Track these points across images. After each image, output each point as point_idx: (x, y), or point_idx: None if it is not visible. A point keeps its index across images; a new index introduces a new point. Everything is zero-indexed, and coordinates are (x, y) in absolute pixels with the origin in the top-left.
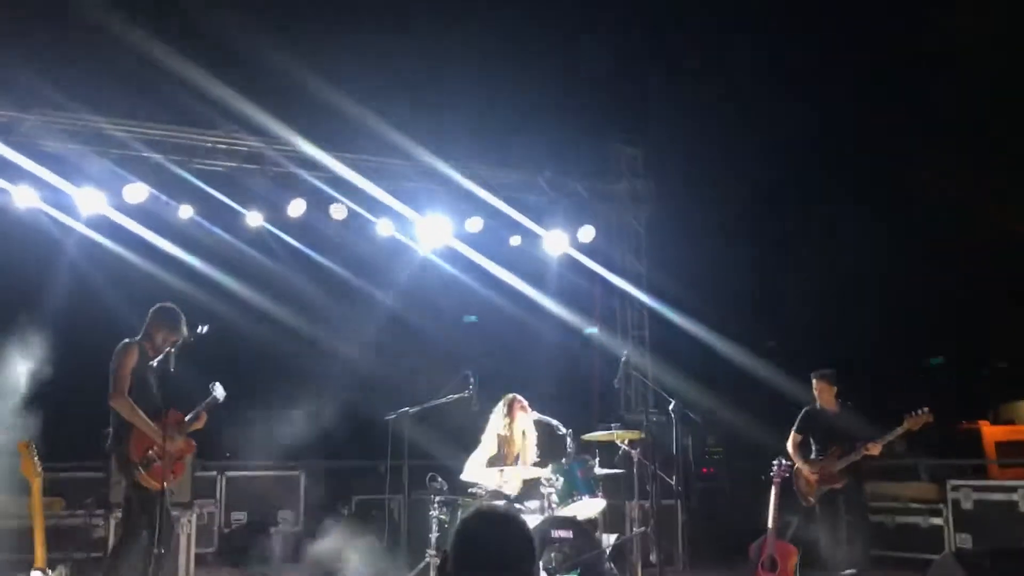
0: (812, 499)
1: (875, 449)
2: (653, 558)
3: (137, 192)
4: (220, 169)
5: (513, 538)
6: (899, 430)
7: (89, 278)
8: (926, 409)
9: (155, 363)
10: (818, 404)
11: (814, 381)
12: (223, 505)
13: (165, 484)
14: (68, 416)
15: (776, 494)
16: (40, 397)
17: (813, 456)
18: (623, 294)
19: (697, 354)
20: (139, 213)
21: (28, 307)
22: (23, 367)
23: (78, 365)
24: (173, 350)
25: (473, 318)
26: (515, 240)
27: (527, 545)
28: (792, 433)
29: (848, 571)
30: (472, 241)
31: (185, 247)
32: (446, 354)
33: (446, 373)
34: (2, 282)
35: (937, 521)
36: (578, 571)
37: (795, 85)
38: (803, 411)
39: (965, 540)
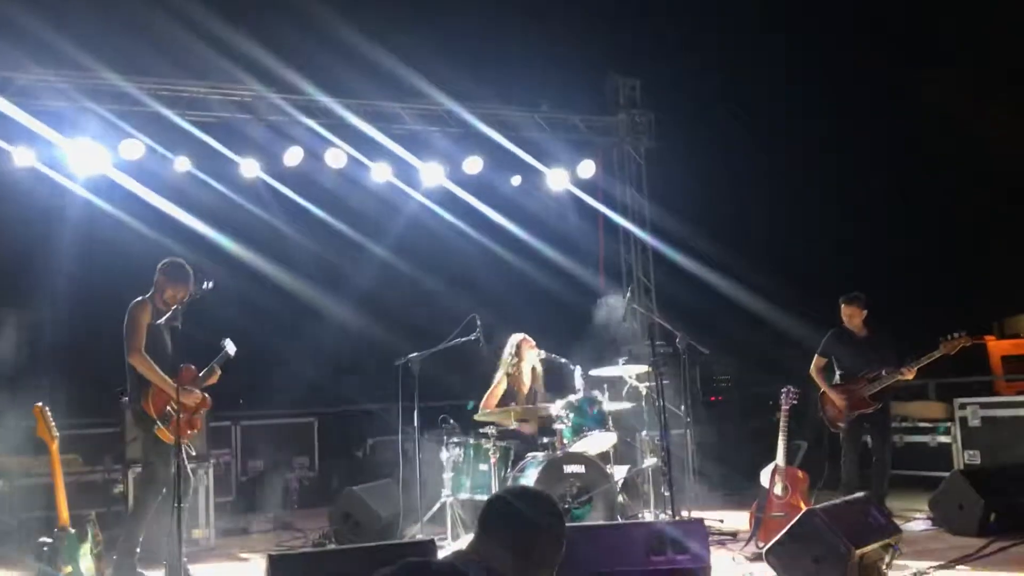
0: (842, 424)
1: (910, 373)
2: (664, 489)
3: (134, 148)
4: (214, 120)
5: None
6: (935, 354)
7: (90, 237)
8: (963, 333)
9: (165, 319)
10: (844, 326)
11: (843, 305)
12: (239, 454)
13: (183, 439)
14: (79, 373)
15: (784, 421)
16: (49, 356)
17: (837, 380)
18: (624, 231)
19: (700, 288)
20: (137, 170)
21: (31, 268)
22: (28, 328)
23: (85, 324)
24: (181, 306)
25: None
26: (515, 179)
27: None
28: (816, 356)
29: (857, 495)
30: (472, 185)
31: (185, 204)
32: (451, 298)
33: (452, 318)
34: (4, 243)
35: (945, 439)
36: (590, 504)
37: (796, 11)
38: (829, 333)
39: (974, 457)
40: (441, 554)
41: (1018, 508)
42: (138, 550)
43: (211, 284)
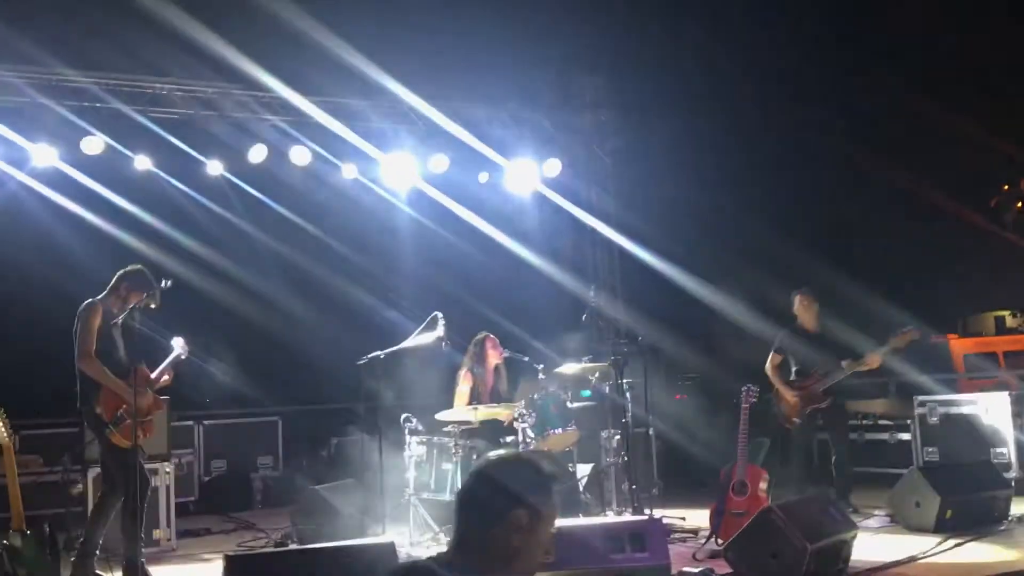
0: (797, 420)
1: (874, 360)
2: (626, 487)
3: (94, 145)
4: (177, 117)
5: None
6: (885, 348)
7: (48, 235)
8: (910, 327)
9: (119, 320)
10: (798, 323)
11: (797, 298)
12: (202, 454)
13: (138, 440)
14: (37, 374)
15: (744, 419)
16: (6, 354)
17: (793, 377)
18: (591, 229)
19: (665, 287)
20: (96, 167)
21: None
22: None
23: (42, 322)
24: (138, 307)
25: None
26: (483, 176)
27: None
28: (771, 353)
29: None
30: (438, 183)
31: (143, 202)
32: (415, 299)
33: (415, 317)
34: None
35: (905, 436)
36: None
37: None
38: (782, 331)
39: (932, 454)
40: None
41: (974, 505)
42: (97, 552)
43: (168, 283)
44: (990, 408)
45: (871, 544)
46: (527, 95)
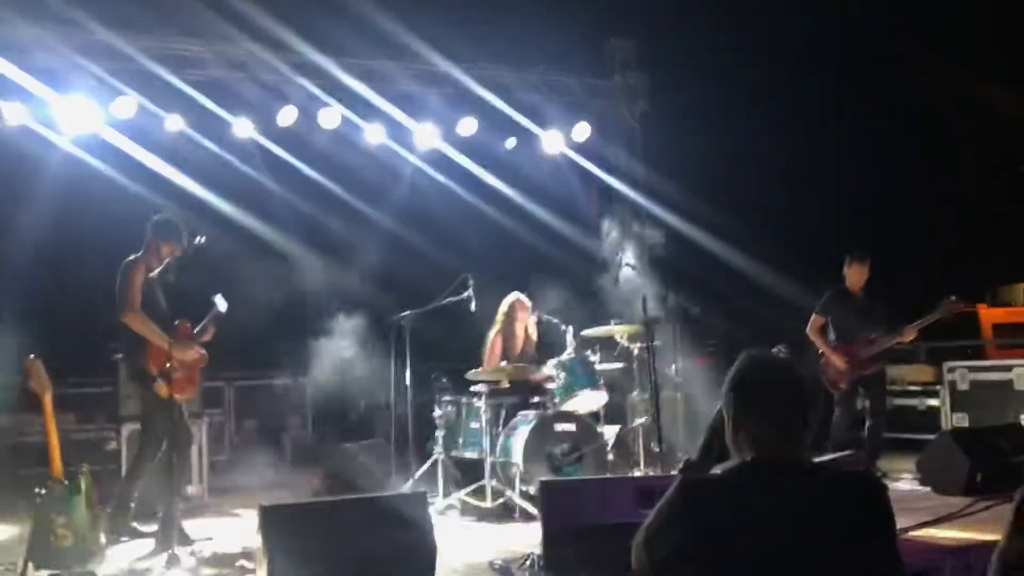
0: (843, 385)
1: (911, 334)
2: (655, 446)
3: (127, 105)
4: (207, 78)
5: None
6: (933, 316)
7: (81, 196)
8: (956, 297)
9: (157, 274)
10: (845, 286)
11: (853, 263)
12: (233, 413)
13: (183, 395)
14: (71, 333)
15: None
16: (41, 314)
17: (833, 339)
18: (619, 194)
19: (694, 251)
20: (129, 128)
21: (20, 225)
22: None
23: (76, 282)
24: (173, 261)
25: None
26: (510, 142)
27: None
28: (814, 315)
29: (845, 453)
30: (466, 147)
31: (177, 163)
32: (443, 260)
33: (445, 278)
34: None
35: (934, 402)
36: (581, 463)
37: None
38: (828, 293)
39: (962, 420)
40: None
41: (1003, 468)
42: (132, 504)
43: (203, 239)
44: (1020, 374)
45: (900, 506)
46: (557, 59)
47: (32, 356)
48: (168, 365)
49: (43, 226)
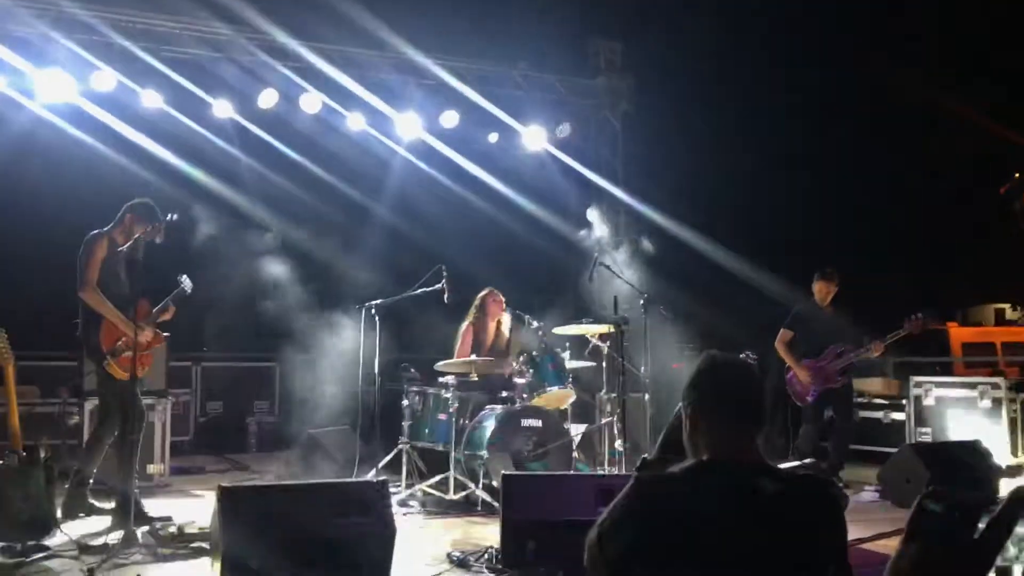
0: (809, 398)
1: (878, 350)
2: (619, 446)
3: (105, 79)
4: (188, 57)
5: (751, 380)
6: (900, 332)
7: (55, 166)
8: (923, 315)
9: (125, 249)
10: (812, 301)
11: (821, 281)
12: (199, 395)
13: (131, 374)
14: (38, 305)
15: None
16: (8, 285)
17: (802, 355)
18: (599, 192)
19: (672, 252)
20: (106, 101)
21: None
22: None
23: (45, 254)
24: (143, 238)
25: None
26: (493, 137)
27: (761, 387)
28: (782, 330)
29: (806, 461)
30: (448, 138)
31: (153, 136)
32: (420, 250)
33: (419, 268)
34: None
35: (899, 416)
36: (546, 459)
37: None
38: (795, 309)
39: (925, 434)
40: (394, 499)
41: (964, 483)
42: (91, 480)
43: (175, 216)
44: (985, 392)
45: (860, 517)
46: (539, 57)
47: None
48: (119, 343)
49: (11, 195)
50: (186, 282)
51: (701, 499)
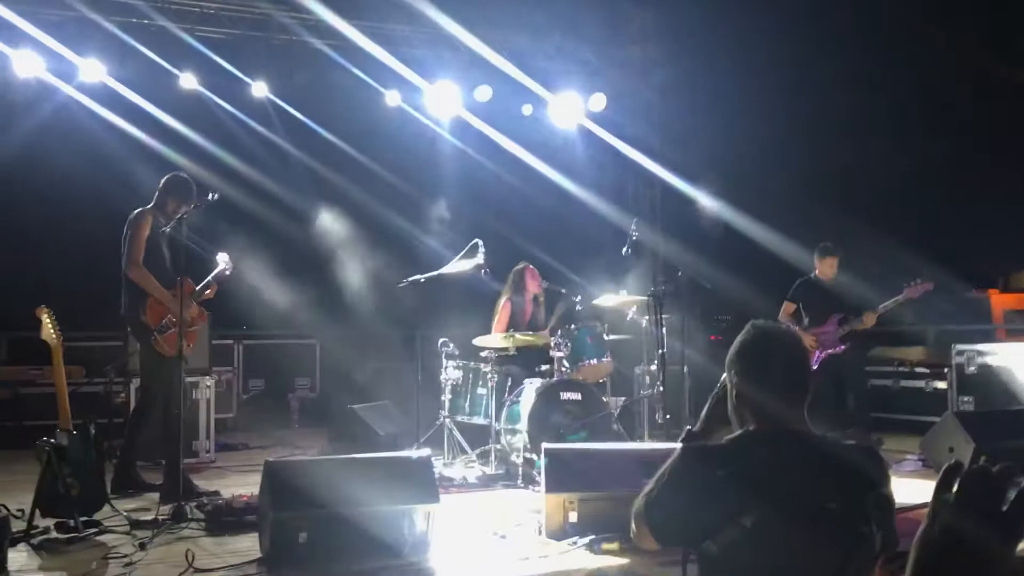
0: (814, 366)
1: (870, 319)
2: (659, 418)
3: (139, 61)
4: (224, 37)
5: (796, 348)
6: (898, 299)
7: (95, 148)
8: (918, 280)
9: (167, 229)
10: (814, 275)
11: (825, 258)
12: (241, 372)
13: (181, 350)
14: (80, 286)
15: None
16: (53, 267)
17: (806, 325)
18: (634, 164)
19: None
20: (142, 83)
21: (33, 178)
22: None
23: (86, 235)
24: (185, 217)
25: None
26: (527, 109)
27: (806, 356)
28: (785, 302)
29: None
30: (481, 113)
31: (188, 118)
32: (455, 225)
33: (456, 243)
34: (5, 152)
35: (941, 385)
36: (586, 431)
37: None
38: (798, 281)
39: (968, 403)
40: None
41: (1009, 452)
42: (136, 457)
43: (216, 196)
44: None
45: (902, 486)
46: (573, 27)
47: (44, 306)
48: (164, 321)
49: (55, 177)
50: (225, 260)
51: (749, 468)
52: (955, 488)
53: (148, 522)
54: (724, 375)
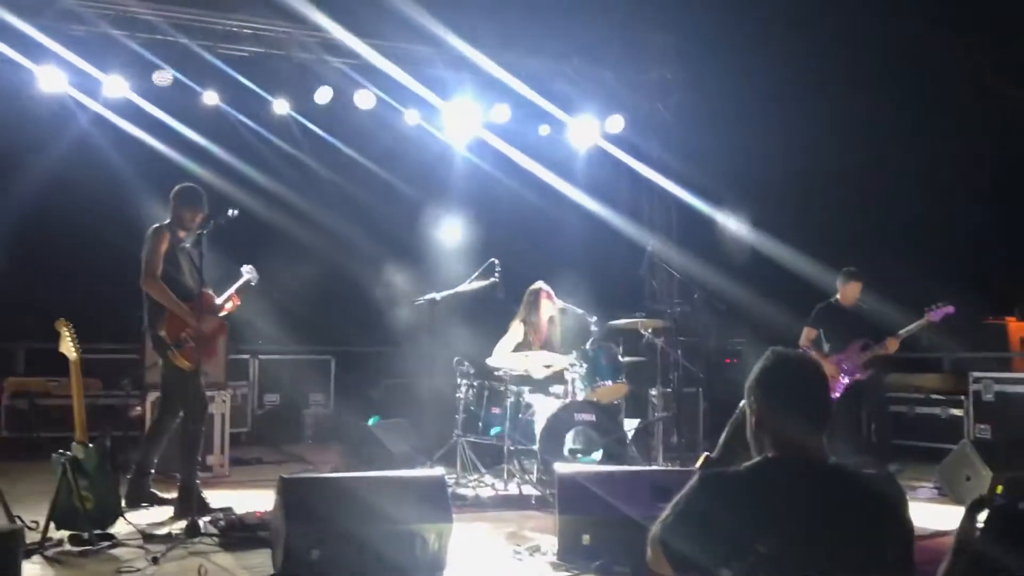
0: (836, 394)
1: (893, 344)
2: (674, 441)
3: (164, 78)
4: (246, 55)
5: (816, 376)
6: (920, 323)
7: (117, 164)
8: (947, 303)
9: (187, 244)
10: (835, 299)
11: (850, 282)
12: (256, 387)
13: (198, 364)
14: (100, 299)
15: None
16: (71, 280)
17: (827, 351)
18: (650, 185)
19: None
20: (165, 99)
21: (54, 192)
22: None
23: (105, 249)
24: (205, 232)
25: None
26: (544, 130)
27: (826, 383)
28: (806, 328)
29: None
30: (499, 132)
31: (211, 135)
32: (472, 244)
33: (472, 262)
34: (29, 166)
35: (957, 412)
36: (600, 452)
37: None
38: (818, 307)
39: (984, 431)
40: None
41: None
42: (152, 471)
43: (235, 212)
44: None
45: (918, 514)
46: (591, 51)
47: (63, 319)
48: (183, 335)
49: (74, 191)
50: (249, 272)
51: (768, 497)
52: (982, 522)
53: (162, 536)
54: (743, 401)
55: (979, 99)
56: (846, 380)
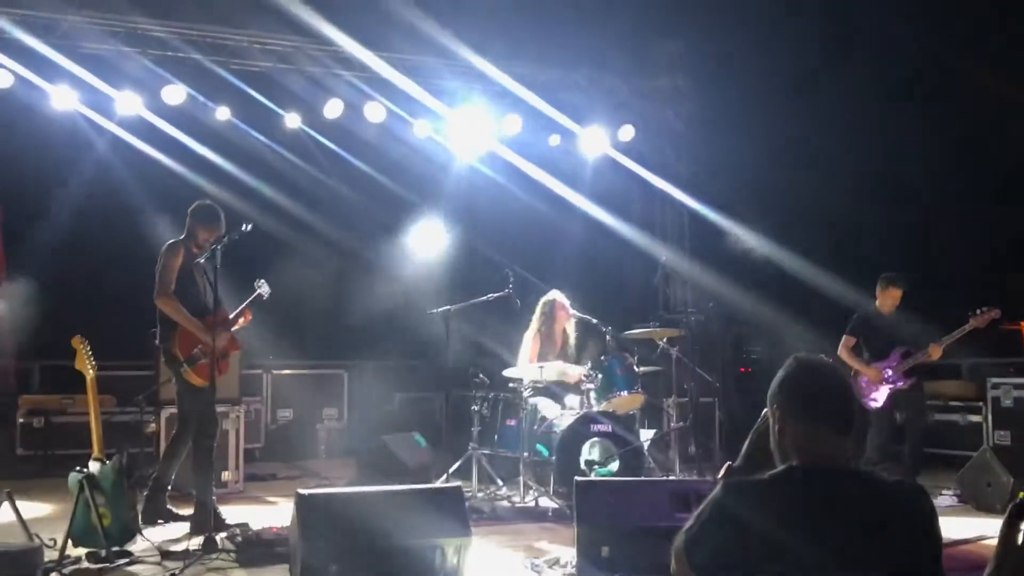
0: (875, 403)
1: (936, 351)
2: (691, 447)
3: (175, 94)
4: (257, 70)
5: (839, 382)
6: (965, 328)
7: (129, 181)
8: (991, 308)
9: (202, 260)
10: (874, 307)
11: (890, 287)
12: (269, 402)
13: (213, 380)
14: (115, 316)
15: None
16: (86, 297)
17: (866, 359)
18: (662, 195)
19: (737, 255)
20: (177, 116)
21: (69, 209)
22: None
23: (119, 265)
24: (219, 248)
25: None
26: (554, 140)
27: (850, 390)
28: (845, 336)
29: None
30: (509, 143)
31: (223, 151)
32: (484, 255)
33: (487, 274)
34: (43, 183)
35: (976, 419)
36: (616, 463)
37: None
38: (857, 315)
39: (1004, 437)
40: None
41: None
42: (169, 487)
43: (248, 227)
44: None
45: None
46: (602, 60)
47: (79, 336)
48: (195, 351)
49: (88, 208)
50: (263, 287)
51: (792, 506)
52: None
53: (179, 553)
54: (766, 409)
55: (992, 102)
56: (888, 388)
